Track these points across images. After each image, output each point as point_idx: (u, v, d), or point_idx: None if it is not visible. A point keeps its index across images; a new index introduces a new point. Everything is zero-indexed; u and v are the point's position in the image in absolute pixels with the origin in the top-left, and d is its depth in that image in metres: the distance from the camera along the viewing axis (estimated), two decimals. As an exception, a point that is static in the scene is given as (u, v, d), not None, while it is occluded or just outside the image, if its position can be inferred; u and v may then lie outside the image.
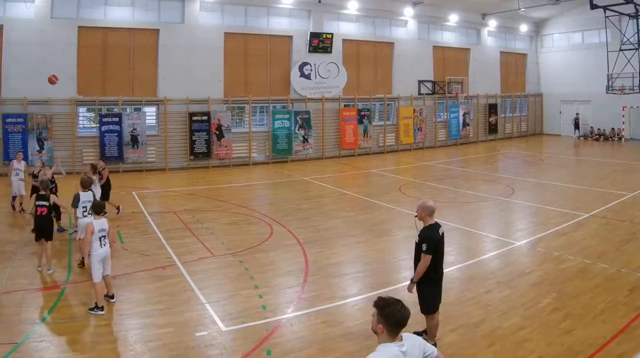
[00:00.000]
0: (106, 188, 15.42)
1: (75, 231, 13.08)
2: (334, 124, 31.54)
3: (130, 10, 25.87)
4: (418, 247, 7.57)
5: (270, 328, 8.45)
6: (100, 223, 9.39)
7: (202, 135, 26.84)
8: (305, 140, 29.96)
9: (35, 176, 15.12)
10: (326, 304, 9.45)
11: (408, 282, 7.83)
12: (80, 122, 25.38)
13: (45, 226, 11.21)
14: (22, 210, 16.16)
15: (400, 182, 22.56)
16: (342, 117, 31.51)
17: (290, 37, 30.30)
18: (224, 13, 28.31)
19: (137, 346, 7.87)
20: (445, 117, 36.87)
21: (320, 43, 30.62)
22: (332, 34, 31.05)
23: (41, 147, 23.44)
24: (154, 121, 26.71)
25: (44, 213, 11.21)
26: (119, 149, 24.96)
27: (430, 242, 7.42)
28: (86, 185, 11.71)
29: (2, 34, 22.98)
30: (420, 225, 7.77)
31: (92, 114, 25.68)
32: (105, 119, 24.86)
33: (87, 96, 24.67)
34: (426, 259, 7.40)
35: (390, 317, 4.08)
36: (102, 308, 9.08)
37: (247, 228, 15.07)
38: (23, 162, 17.05)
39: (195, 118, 26.66)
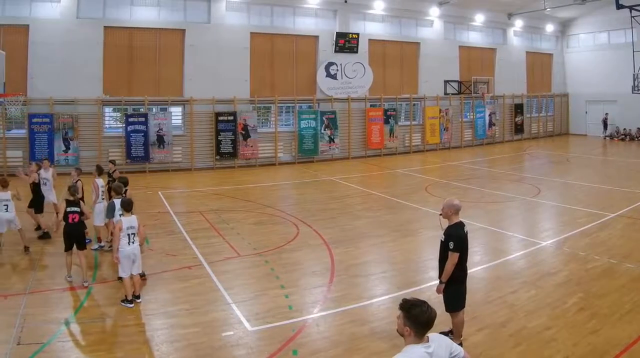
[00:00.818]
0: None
1: (102, 247, 12.78)
2: (360, 124, 31.50)
3: (156, 10, 26.06)
4: (444, 245, 7.58)
5: (297, 328, 8.47)
6: (129, 220, 9.46)
7: (228, 135, 26.94)
8: (331, 140, 29.94)
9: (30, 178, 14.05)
10: (352, 304, 9.45)
11: (434, 282, 7.82)
12: (106, 122, 25.63)
13: (77, 234, 10.56)
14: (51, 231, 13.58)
15: (427, 182, 22.45)
16: (368, 117, 31.45)
17: (317, 37, 30.29)
18: (250, 13, 28.41)
19: (163, 346, 7.94)
20: (471, 117, 36.61)
21: (346, 43, 30.59)
22: (358, 34, 30.99)
23: (67, 147, 23.72)
24: (180, 121, 26.91)
25: (75, 220, 10.55)
26: (145, 149, 25.15)
27: (457, 240, 7.43)
28: (119, 191, 11.29)
29: (28, 33, 23.28)
30: (445, 223, 7.79)
31: (118, 114, 25.98)
32: (131, 119, 25.05)
33: (113, 96, 24.93)
34: (454, 257, 7.41)
35: (416, 318, 4.06)
36: (131, 302, 9.24)
37: (273, 228, 15.11)
38: (51, 170, 15.10)
39: (221, 118, 26.76)
